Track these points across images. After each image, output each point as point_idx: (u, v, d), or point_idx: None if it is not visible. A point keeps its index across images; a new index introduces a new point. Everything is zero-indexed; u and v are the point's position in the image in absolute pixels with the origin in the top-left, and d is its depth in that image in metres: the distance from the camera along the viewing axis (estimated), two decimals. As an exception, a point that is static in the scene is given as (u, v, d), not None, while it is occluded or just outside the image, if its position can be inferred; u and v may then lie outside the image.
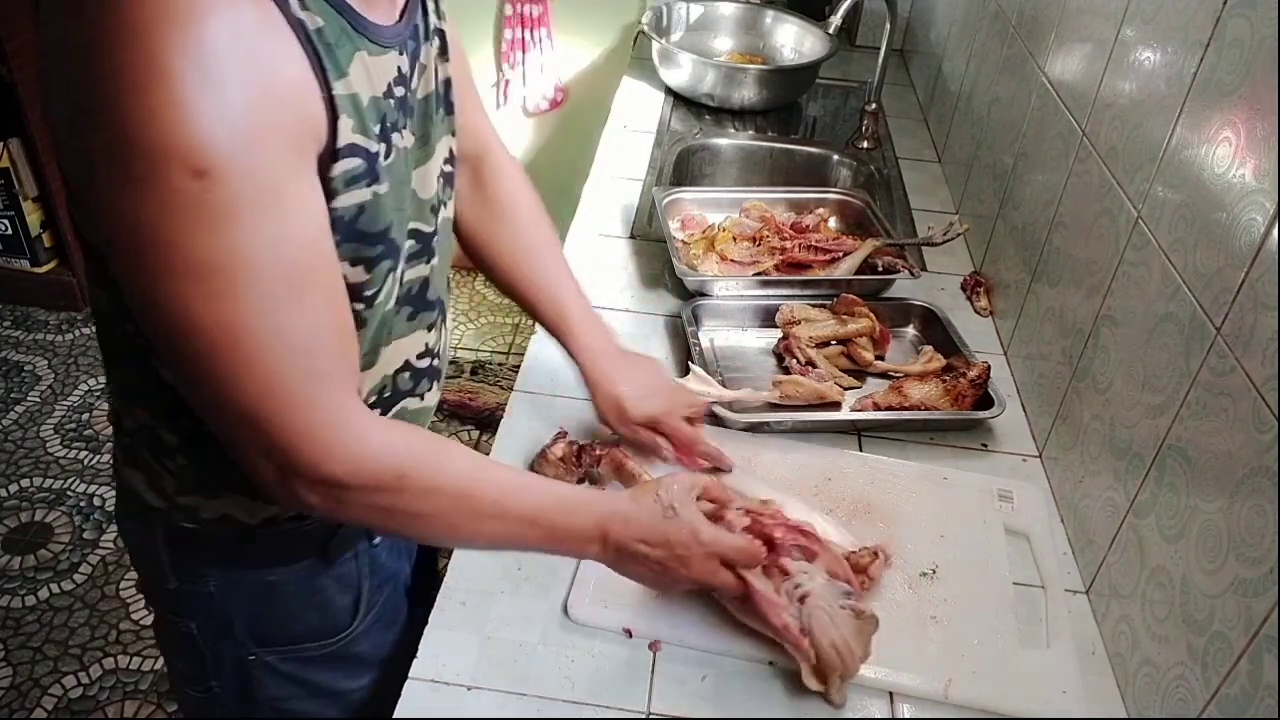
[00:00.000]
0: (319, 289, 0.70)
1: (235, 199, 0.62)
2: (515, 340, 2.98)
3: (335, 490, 0.73)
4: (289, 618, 0.96)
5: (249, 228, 0.63)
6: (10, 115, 2.64)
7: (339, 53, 0.69)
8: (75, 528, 2.28)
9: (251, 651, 0.96)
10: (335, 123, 0.69)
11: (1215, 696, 0.79)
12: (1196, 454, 0.87)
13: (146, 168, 0.60)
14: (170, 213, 0.61)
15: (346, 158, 0.71)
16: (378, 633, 1.03)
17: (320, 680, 1.01)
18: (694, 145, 1.92)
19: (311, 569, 0.94)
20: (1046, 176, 1.32)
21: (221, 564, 0.92)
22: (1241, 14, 0.88)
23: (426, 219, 0.87)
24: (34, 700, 1.92)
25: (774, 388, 1.24)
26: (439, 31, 0.88)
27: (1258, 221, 0.81)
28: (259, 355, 0.66)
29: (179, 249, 0.62)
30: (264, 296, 0.65)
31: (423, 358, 0.92)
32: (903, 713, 0.91)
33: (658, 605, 0.96)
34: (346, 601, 0.99)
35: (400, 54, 0.77)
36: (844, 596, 0.91)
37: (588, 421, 1.20)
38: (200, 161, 0.60)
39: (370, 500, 0.75)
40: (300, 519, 0.90)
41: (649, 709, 0.89)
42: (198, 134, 0.59)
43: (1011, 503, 1.13)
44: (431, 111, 0.86)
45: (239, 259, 0.64)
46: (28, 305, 2.96)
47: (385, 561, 1.02)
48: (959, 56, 1.89)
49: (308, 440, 0.70)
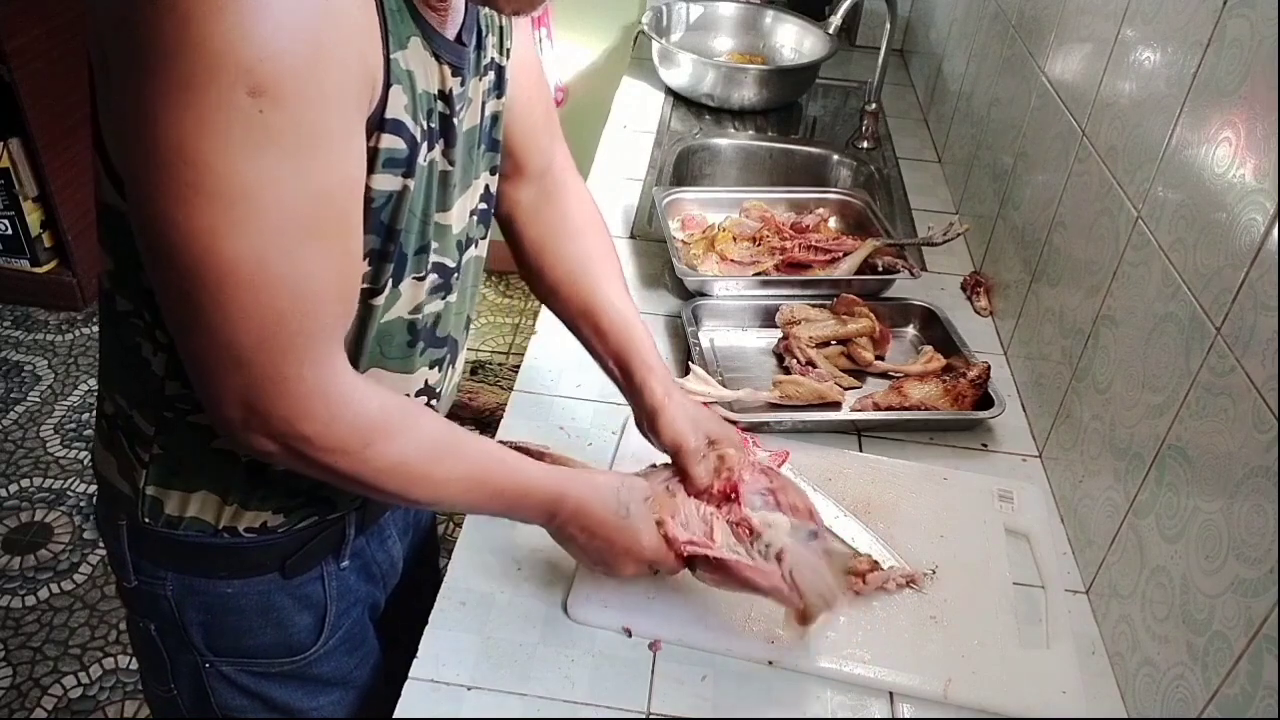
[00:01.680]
0: (338, 243, 0.68)
1: (285, 125, 0.60)
2: (515, 340, 2.98)
3: (299, 445, 0.71)
4: (243, 631, 0.94)
5: (290, 158, 0.61)
6: (10, 115, 2.63)
7: (400, 26, 0.68)
8: (75, 528, 2.28)
9: (207, 660, 0.94)
10: (388, 90, 0.68)
11: (1215, 696, 0.79)
12: (1196, 454, 0.87)
13: (204, 77, 0.57)
14: (216, 127, 0.58)
15: (392, 133, 0.70)
16: (341, 655, 1.01)
17: (276, 697, 0.98)
18: (694, 145, 1.93)
19: (269, 584, 0.92)
20: (1046, 176, 1.32)
21: (179, 569, 0.90)
22: (1241, 14, 0.88)
23: (451, 254, 0.86)
24: (34, 700, 1.92)
25: (774, 388, 1.24)
26: (498, 68, 0.87)
27: (1258, 221, 0.81)
28: (266, 295, 0.64)
29: (213, 168, 0.59)
30: (285, 236, 0.63)
31: (421, 394, 0.90)
32: (903, 713, 0.91)
33: (658, 605, 0.96)
34: (308, 621, 0.96)
35: (454, 75, 0.76)
36: (811, 538, 0.92)
37: (588, 422, 1.21)
38: (260, 79, 0.57)
39: (331, 460, 0.73)
40: (262, 531, 0.88)
41: (649, 709, 0.89)
42: (263, 52, 0.57)
43: (1011, 503, 1.13)
44: (474, 147, 0.85)
45: (271, 190, 0.61)
46: (28, 305, 2.96)
47: (354, 585, 1.00)
48: (959, 56, 1.89)
49: (287, 394, 0.68)
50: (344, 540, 0.95)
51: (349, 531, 0.95)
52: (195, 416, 0.81)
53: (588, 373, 1.29)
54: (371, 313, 0.79)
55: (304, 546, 0.92)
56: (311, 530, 0.92)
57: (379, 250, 0.76)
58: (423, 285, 0.84)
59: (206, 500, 0.85)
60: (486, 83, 0.86)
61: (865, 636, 0.96)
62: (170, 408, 0.81)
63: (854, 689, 0.92)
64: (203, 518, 0.86)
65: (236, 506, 0.86)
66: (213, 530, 0.87)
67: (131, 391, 0.83)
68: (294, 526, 0.90)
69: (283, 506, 0.88)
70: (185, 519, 0.86)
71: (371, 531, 1.01)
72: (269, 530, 0.89)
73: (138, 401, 0.83)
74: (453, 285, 0.88)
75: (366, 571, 1.02)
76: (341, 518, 0.94)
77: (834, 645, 0.95)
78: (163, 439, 0.83)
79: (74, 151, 2.82)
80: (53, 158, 2.74)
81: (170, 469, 0.85)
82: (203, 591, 0.91)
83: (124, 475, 0.87)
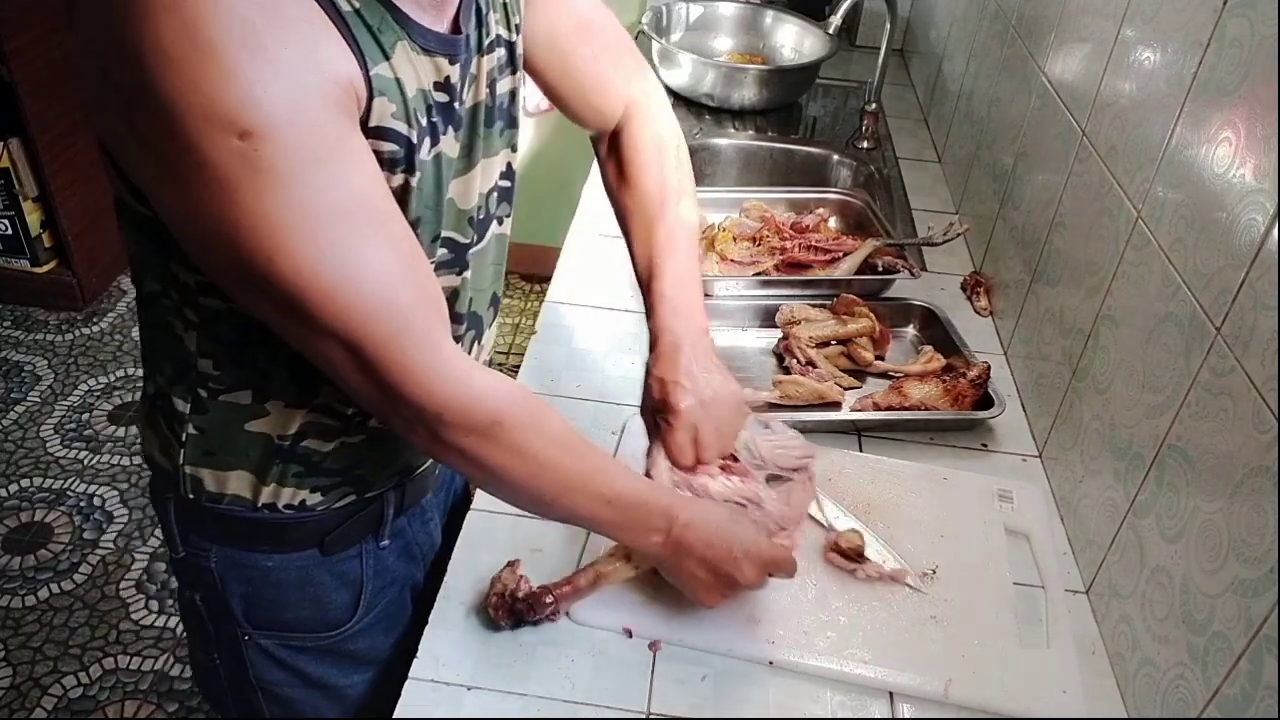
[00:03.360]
0: (382, 230, 0.71)
1: (283, 154, 0.63)
2: (515, 340, 2.98)
3: (432, 422, 0.75)
4: (282, 605, 0.96)
5: (301, 182, 0.64)
6: (10, 115, 2.63)
7: (382, 37, 0.70)
8: (75, 528, 2.28)
9: (246, 632, 0.97)
10: (370, 102, 0.70)
11: (1215, 696, 0.79)
12: (1196, 454, 0.87)
13: (195, 138, 0.61)
14: (223, 178, 0.62)
15: (378, 139, 0.72)
16: (377, 634, 1.03)
17: (312, 671, 1.01)
18: (694, 145, 1.92)
19: (308, 560, 0.95)
20: (1046, 176, 1.32)
21: (222, 542, 0.93)
22: (1241, 14, 0.88)
23: (464, 230, 0.87)
24: (34, 700, 1.92)
25: (774, 388, 1.24)
26: (507, 44, 0.88)
27: (1258, 221, 0.81)
28: (340, 295, 0.68)
29: (238, 211, 0.63)
30: (330, 242, 0.67)
31: None
32: (903, 713, 0.92)
33: (658, 605, 0.96)
34: (345, 598, 0.99)
35: (451, 63, 0.77)
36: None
37: (588, 422, 1.21)
38: (244, 122, 0.61)
39: (462, 441, 0.77)
40: (301, 508, 0.90)
41: (649, 709, 0.89)
42: (239, 96, 0.60)
43: (1011, 503, 1.13)
44: (479, 124, 0.86)
45: (298, 212, 0.65)
46: (28, 305, 2.96)
47: (393, 565, 1.02)
48: (959, 56, 1.89)
49: (408, 373, 0.72)
50: (383, 520, 0.98)
51: (388, 511, 0.97)
52: (228, 396, 0.83)
53: (588, 373, 1.29)
54: None
55: (342, 525, 0.94)
56: (350, 509, 0.94)
57: None
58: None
59: (243, 478, 0.88)
60: (494, 59, 0.86)
61: (865, 636, 0.96)
62: (204, 386, 0.84)
63: (854, 689, 0.92)
64: (242, 494, 0.89)
65: (274, 485, 0.88)
66: (253, 506, 0.89)
67: (167, 370, 0.85)
68: (332, 505, 0.92)
69: (319, 486, 0.90)
70: (226, 495, 0.89)
71: (413, 512, 1.03)
72: (307, 508, 0.91)
73: (173, 380, 0.85)
74: (467, 261, 0.89)
75: (408, 552, 1.04)
76: (380, 497, 0.96)
77: (834, 645, 0.95)
78: (197, 418, 0.86)
79: (74, 151, 2.82)
80: (53, 158, 2.74)
81: (205, 448, 0.87)
82: (244, 564, 0.94)
83: (164, 453, 0.90)
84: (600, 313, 1.41)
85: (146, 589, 2.15)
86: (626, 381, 1.27)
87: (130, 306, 2.98)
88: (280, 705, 1.02)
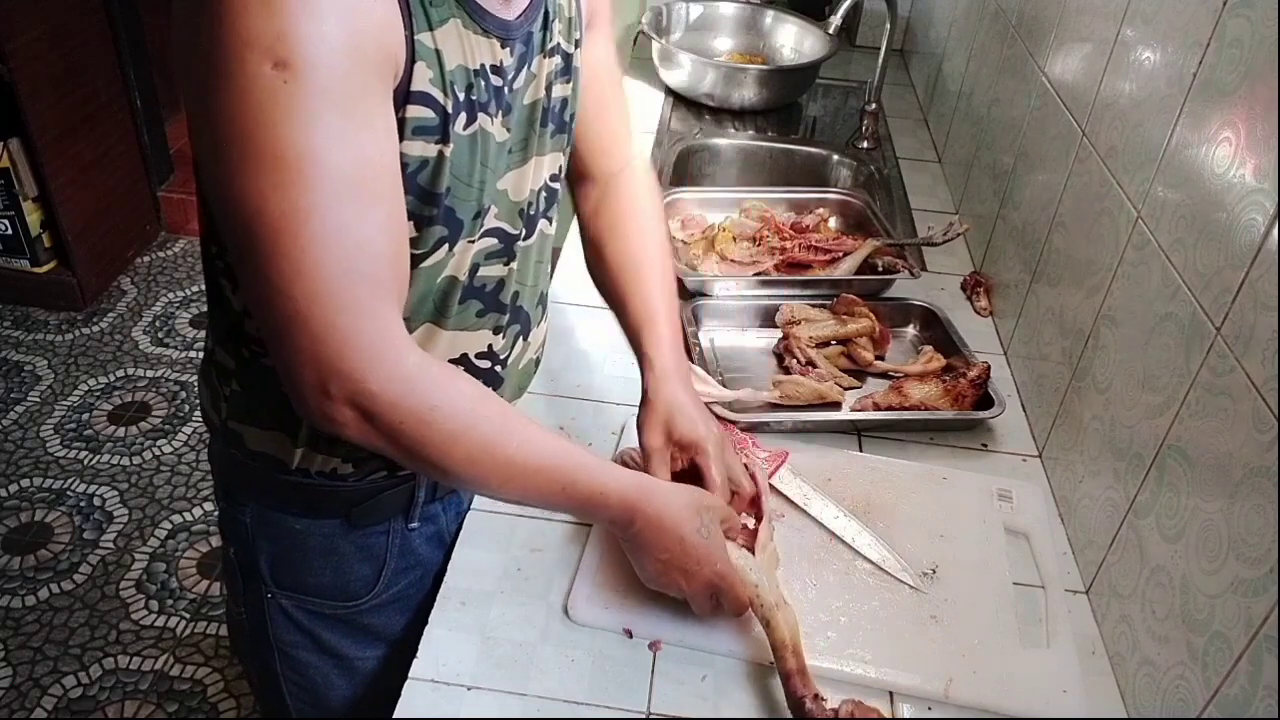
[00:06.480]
0: (381, 202, 0.72)
1: (310, 94, 0.66)
2: (515, 340, 2.98)
3: (366, 403, 0.74)
4: (305, 569, 0.99)
5: (320, 125, 0.67)
6: (10, 115, 2.64)
7: (433, 10, 0.73)
8: (75, 528, 2.28)
9: (270, 590, 1.00)
10: (411, 66, 0.72)
11: (1215, 696, 0.79)
12: (1196, 454, 0.87)
13: (232, 57, 0.65)
14: (248, 101, 0.66)
15: (417, 104, 0.74)
16: (394, 613, 1.05)
17: (326, 639, 1.03)
18: (694, 145, 1.93)
19: (335, 529, 0.97)
20: (1046, 176, 1.32)
21: (257, 498, 0.96)
22: (1241, 14, 0.88)
23: (514, 222, 0.90)
24: (34, 700, 1.92)
25: (774, 388, 1.24)
26: (564, 54, 0.91)
27: (1258, 221, 0.81)
28: (315, 250, 0.69)
29: (252, 137, 0.66)
30: (327, 193, 0.68)
31: (483, 358, 0.94)
32: (903, 713, 0.92)
33: (658, 605, 0.96)
34: (366, 572, 1.01)
35: (503, 47, 0.80)
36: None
37: (588, 422, 1.21)
38: (281, 53, 0.65)
39: (398, 427, 0.75)
40: (332, 476, 0.93)
41: (649, 709, 0.89)
42: (281, 27, 0.64)
43: (1011, 503, 1.13)
44: (536, 121, 0.89)
45: (308, 153, 0.67)
46: (28, 305, 2.96)
47: (419, 548, 1.04)
48: (959, 56, 1.89)
49: (349, 348, 0.72)
50: (414, 502, 1.00)
51: (419, 494, 0.99)
52: (269, 360, 0.84)
53: (588, 373, 1.29)
54: (421, 273, 0.83)
55: (372, 499, 0.97)
56: (380, 484, 0.96)
57: (417, 212, 0.79)
58: (473, 248, 0.87)
59: (280, 440, 0.91)
60: (553, 64, 0.89)
61: (865, 636, 0.96)
62: (248, 346, 0.87)
63: (854, 689, 0.92)
64: (277, 456, 0.91)
65: (306, 448, 0.91)
66: (286, 468, 0.92)
67: (218, 327, 0.90)
68: (364, 476, 0.95)
69: (351, 456, 0.92)
70: (262, 454, 0.93)
71: (449, 500, 1.04)
72: (338, 476, 0.94)
73: (221, 338, 0.90)
74: (515, 252, 0.91)
75: (438, 538, 1.05)
76: (411, 477, 0.98)
77: (834, 645, 0.95)
78: (240, 376, 0.90)
79: (74, 151, 2.82)
80: (53, 158, 2.74)
81: (246, 406, 0.91)
82: (275, 524, 0.97)
83: (213, 407, 0.95)
84: (600, 313, 1.41)
85: (146, 589, 2.15)
86: (626, 381, 1.27)
87: (130, 306, 2.99)
88: (293, 668, 1.04)
